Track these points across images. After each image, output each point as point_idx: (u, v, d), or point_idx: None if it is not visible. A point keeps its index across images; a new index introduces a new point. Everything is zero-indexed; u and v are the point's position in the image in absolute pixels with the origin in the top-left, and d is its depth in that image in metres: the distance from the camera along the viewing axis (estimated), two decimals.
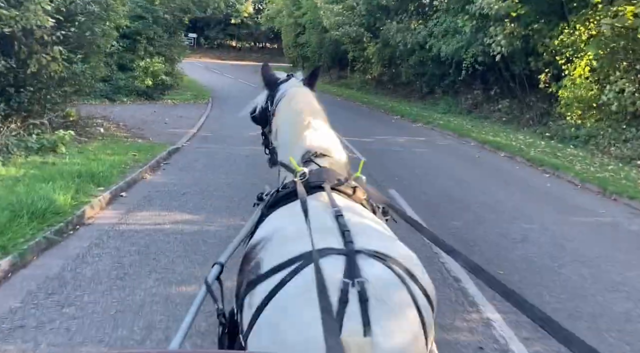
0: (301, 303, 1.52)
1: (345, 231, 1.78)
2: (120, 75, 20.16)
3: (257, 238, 1.96)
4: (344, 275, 1.55)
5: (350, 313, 1.46)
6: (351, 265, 1.59)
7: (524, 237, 6.76)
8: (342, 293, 1.50)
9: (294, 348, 1.45)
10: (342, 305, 1.48)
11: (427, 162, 11.91)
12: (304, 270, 1.61)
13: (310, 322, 1.43)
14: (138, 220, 6.53)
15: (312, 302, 1.44)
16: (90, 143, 10.61)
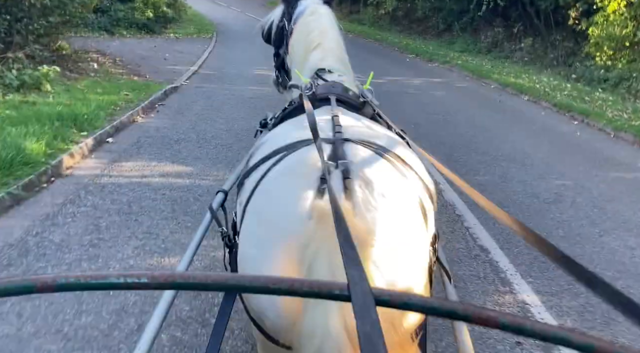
0: (281, 184, 1.56)
1: (337, 125, 1.76)
2: (119, 6, 18.87)
3: (254, 147, 1.98)
4: (328, 158, 1.53)
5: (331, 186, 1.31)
6: (336, 150, 1.58)
7: (558, 197, 6.00)
8: (323, 172, 1.44)
9: (277, 224, 1.47)
10: (322, 182, 1.45)
11: (445, 106, 10.97)
12: (288, 156, 1.63)
13: (290, 198, 1.47)
14: (123, 171, 5.81)
15: (292, 181, 1.53)
16: (80, 80, 9.75)
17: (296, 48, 2.76)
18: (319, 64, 2.52)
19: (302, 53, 2.66)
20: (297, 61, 2.71)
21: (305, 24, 2.76)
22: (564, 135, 9.14)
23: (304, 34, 2.72)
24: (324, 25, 2.74)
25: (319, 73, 2.45)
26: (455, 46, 21.28)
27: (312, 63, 2.54)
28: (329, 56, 2.57)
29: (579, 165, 7.29)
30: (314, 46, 2.61)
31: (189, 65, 13.71)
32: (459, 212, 5.44)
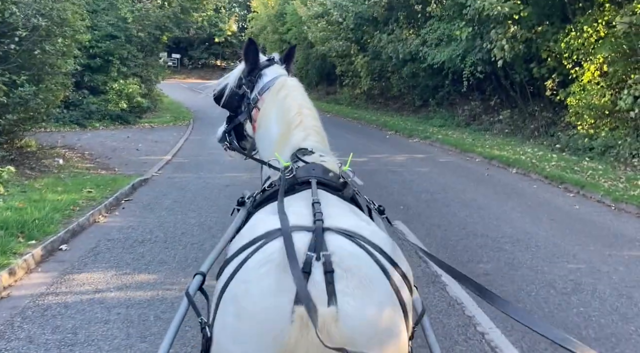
0: (261, 274, 1.54)
1: (317, 213, 1.75)
2: (92, 99, 18.58)
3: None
4: (309, 249, 1.55)
5: (314, 284, 1.44)
6: (317, 240, 1.58)
7: (576, 286, 5.28)
8: (305, 265, 1.48)
9: (255, 317, 1.47)
10: (305, 276, 1.46)
11: (433, 183, 10.44)
12: (267, 245, 1.62)
13: (270, 290, 1.48)
14: (73, 286, 4.96)
15: (271, 272, 1.52)
16: (40, 179, 9.02)
17: (270, 124, 2.63)
18: (302, 143, 2.42)
19: (280, 130, 2.55)
20: (271, 138, 2.60)
21: (278, 100, 2.65)
22: (562, 210, 8.56)
23: (282, 110, 2.60)
24: (302, 102, 2.65)
25: (299, 154, 2.35)
26: (434, 121, 21.30)
27: (294, 142, 2.44)
28: (311, 135, 2.50)
29: (588, 245, 6.63)
30: (296, 125, 2.51)
31: (162, 154, 13.17)
32: (469, 312, 4.66)
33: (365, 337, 1.46)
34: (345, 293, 1.47)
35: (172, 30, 24.59)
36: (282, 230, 1.60)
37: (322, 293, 1.45)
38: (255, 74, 2.82)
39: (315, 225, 1.66)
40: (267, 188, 2.30)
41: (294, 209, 1.84)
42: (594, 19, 13.65)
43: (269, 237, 1.65)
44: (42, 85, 9.90)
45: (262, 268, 1.55)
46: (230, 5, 59.17)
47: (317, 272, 1.49)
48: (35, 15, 8.99)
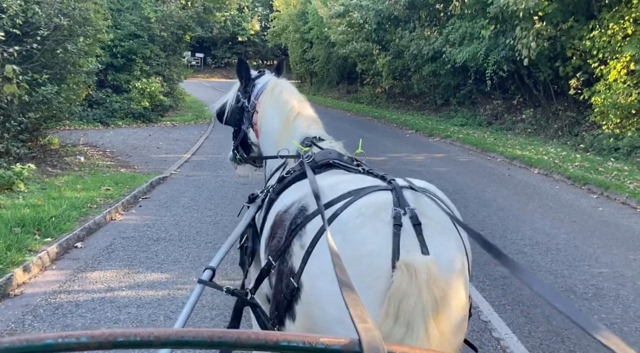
0: (357, 224, 1.75)
1: (383, 174, 2.10)
2: (115, 97, 18.82)
3: (286, 203, 2.13)
4: (395, 205, 1.78)
5: (406, 235, 1.69)
6: (399, 197, 1.82)
7: (598, 291, 5.11)
8: (395, 219, 1.72)
9: (358, 262, 1.65)
10: (397, 228, 1.70)
11: (452, 183, 10.27)
12: (355, 201, 1.83)
13: (371, 238, 1.71)
14: (86, 284, 4.99)
15: (367, 223, 1.74)
16: (61, 176, 9.14)
17: (269, 121, 2.84)
18: (307, 132, 2.63)
19: (280, 124, 2.74)
20: (273, 133, 2.78)
21: (274, 96, 2.85)
22: (584, 211, 8.34)
23: (277, 106, 2.80)
24: (295, 96, 2.86)
25: (313, 141, 2.55)
26: (455, 120, 21.02)
27: (300, 131, 2.64)
28: (313, 124, 2.70)
29: (611, 247, 6.43)
30: (294, 116, 2.70)
31: (182, 152, 13.25)
32: (484, 317, 4.54)
33: (453, 275, 1.71)
34: (432, 240, 1.71)
35: (195, 30, 24.77)
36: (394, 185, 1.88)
37: (415, 242, 1.69)
38: (250, 85, 3.05)
39: (393, 184, 1.91)
40: (286, 176, 2.42)
41: (355, 177, 2.12)
42: (620, 15, 13.27)
43: (355, 196, 1.86)
44: (64, 84, 10.02)
45: (357, 220, 1.76)
46: (253, 4, 59.41)
47: (407, 224, 1.72)
48: (57, 15, 9.10)
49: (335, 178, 2.16)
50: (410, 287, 1.57)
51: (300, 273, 1.81)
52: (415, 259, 1.61)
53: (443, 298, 1.61)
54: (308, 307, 1.79)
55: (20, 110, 8.93)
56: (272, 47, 56.69)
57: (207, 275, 2.18)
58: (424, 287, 1.57)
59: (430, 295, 1.58)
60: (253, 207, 2.56)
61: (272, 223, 2.15)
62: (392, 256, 1.66)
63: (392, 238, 1.68)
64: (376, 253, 1.68)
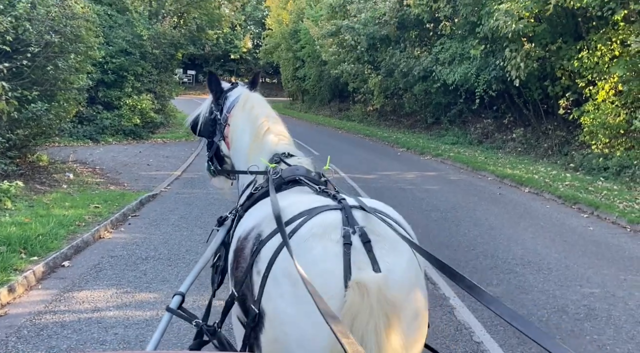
0: (308, 247, 1.78)
1: (334, 194, 2.13)
2: (106, 114, 18.75)
3: (246, 228, 2.12)
4: (344, 224, 1.83)
5: (356, 252, 1.73)
6: (348, 216, 1.87)
7: (590, 311, 5.09)
8: (345, 237, 1.76)
9: (312, 283, 1.54)
10: (347, 247, 1.74)
11: (443, 202, 10.28)
12: (306, 223, 1.87)
13: (322, 258, 1.74)
14: (73, 305, 4.89)
15: (316, 244, 1.78)
16: (49, 193, 9.04)
17: (240, 135, 2.86)
18: (276, 148, 2.66)
19: (250, 139, 2.76)
20: (244, 147, 2.81)
21: (245, 111, 2.87)
22: (575, 231, 8.35)
23: (248, 121, 2.82)
24: (266, 111, 2.87)
25: (282, 157, 2.58)
26: (446, 139, 21.15)
27: (268, 147, 2.68)
28: (282, 139, 2.74)
29: (602, 268, 6.42)
30: (264, 131, 2.73)
31: (172, 170, 13.18)
32: (477, 338, 4.50)
33: (405, 290, 1.76)
34: (383, 256, 1.74)
35: (187, 48, 24.90)
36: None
37: (366, 260, 1.72)
38: (222, 97, 3.06)
39: (342, 203, 1.95)
40: (254, 192, 2.45)
41: (305, 198, 2.13)
42: (607, 37, 13.50)
43: (306, 216, 1.89)
44: (54, 101, 9.96)
45: (308, 241, 1.79)
46: (245, 22, 59.84)
47: (357, 242, 1.76)
48: (48, 32, 9.09)
49: (294, 197, 2.17)
50: (362, 305, 1.60)
51: (259, 300, 1.81)
52: (366, 277, 1.64)
53: (395, 314, 1.64)
54: (271, 331, 1.80)
55: (9, 127, 8.86)
56: (264, 64, 57.03)
57: (176, 301, 2.22)
58: (375, 304, 1.60)
59: (382, 312, 1.61)
60: (222, 230, 2.63)
61: (234, 249, 2.14)
62: (344, 275, 1.70)
63: (342, 257, 1.72)
64: (328, 272, 1.70)
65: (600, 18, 13.39)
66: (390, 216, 2.01)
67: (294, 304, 1.71)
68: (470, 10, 16.51)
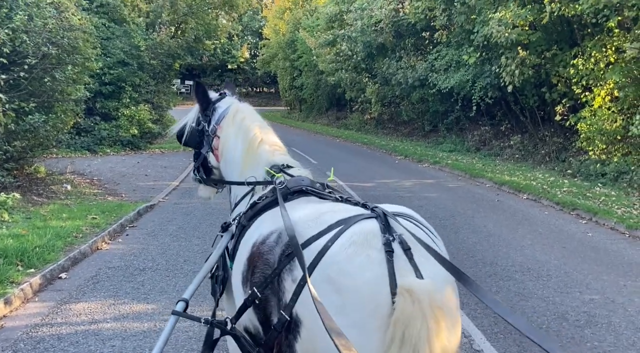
0: (350, 254, 1.78)
1: (363, 203, 2.15)
2: (104, 125, 18.77)
3: (263, 233, 2.13)
4: (382, 232, 1.84)
5: (399, 261, 1.75)
6: (385, 224, 1.89)
7: (590, 318, 5.07)
8: (386, 246, 1.78)
9: (358, 290, 1.70)
10: (390, 254, 1.76)
11: (441, 209, 10.27)
12: (345, 231, 1.86)
13: (367, 266, 1.74)
14: (70, 317, 4.86)
15: (360, 251, 1.78)
16: (47, 205, 9.01)
17: (232, 148, 2.84)
18: (272, 158, 2.67)
19: (243, 152, 2.75)
20: (236, 160, 2.80)
21: (236, 123, 2.85)
22: (574, 237, 8.34)
23: (240, 133, 2.81)
24: (258, 122, 2.86)
25: (282, 168, 2.59)
26: (444, 146, 21.19)
27: (265, 157, 2.68)
28: (277, 150, 2.74)
29: (601, 274, 6.41)
30: (258, 143, 2.73)
31: (170, 180, 13.16)
32: (477, 346, 4.48)
33: (448, 296, 1.78)
34: (424, 263, 1.76)
35: (184, 58, 24.96)
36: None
37: (409, 267, 1.74)
38: (210, 108, 3.02)
39: (376, 212, 1.96)
40: (258, 201, 2.43)
41: (333, 205, 2.16)
42: (602, 44, 13.56)
43: (343, 225, 1.89)
44: (51, 112, 9.98)
45: (349, 249, 1.79)
46: (242, 32, 60.05)
47: (398, 249, 1.77)
48: (45, 44, 9.11)
49: (316, 207, 2.16)
50: (414, 312, 1.62)
51: (291, 306, 1.81)
52: (414, 284, 1.66)
53: (444, 318, 1.68)
54: (309, 342, 1.80)
55: (6, 138, 8.85)
56: (262, 74, 57.20)
57: (180, 307, 2.21)
58: (427, 311, 1.63)
59: (433, 318, 1.64)
60: (226, 236, 2.59)
61: (248, 256, 2.12)
62: (390, 282, 1.70)
63: (386, 265, 1.73)
64: (374, 280, 1.71)
65: (595, 25, 13.46)
66: (420, 222, 2.05)
67: (340, 313, 1.68)
68: (465, 19, 16.61)
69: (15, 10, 9.13)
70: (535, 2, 13.73)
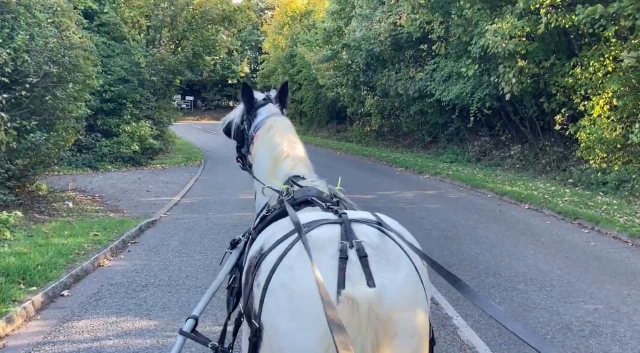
0: (304, 260, 1.75)
1: (337, 209, 2.16)
2: (105, 142, 18.80)
3: (256, 248, 2.13)
4: (342, 238, 1.82)
5: (352, 267, 1.72)
6: (346, 229, 1.86)
7: (594, 328, 5.04)
8: (341, 252, 1.76)
9: (306, 296, 1.68)
10: (343, 261, 1.73)
11: (443, 220, 10.26)
12: (303, 237, 1.85)
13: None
14: (72, 334, 4.84)
15: (314, 256, 1.73)
16: (48, 223, 9.02)
17: (262, 157, 2.94)
18: (291, 171, 2.72)
19: (270, 163, 2.84)
20: (264, 168, 2.89)
21: (268, 138, 2.93)
22: (577, 246, 8.32)
23: (269, 147, 2.89)
24: (289, 137, 2.93)
25: (294, 179, 2.62)
26: (444, 157, 21.22)
27: (284, 171, 2.73)
28: (298, 165, 2.79)
29: (605, 284, 6.38)
30: (284, 157, 2.80)
31: (172, 195, 13.17)
32: None
33: (400, 307, 1.71)
34: (379, 271, 1.72)
35: (184, 74, 25.12)
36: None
37: (361, 274, 1.70)
38: (252, 112, 3.12)
39: (342, 217, 1.95)
40: (266, 214, 2.50)
41: (312, 214, 2.14)
42: (600, 53, 13.64)
43: (306, 229, 1.89)
44: (53, 130, 10.01)
45: (304, 254, 1.76)
46: (242, 47, 60.47)
47: (353, 256, 1.75)
48: (47, 63, 9.18)
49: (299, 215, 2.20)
50: (351, 321, 1.60)
51: (260, 313, 1.81)
52: (357, 292, 1.63)
53: (385, 332, 1.64)
54: (269, 346, 1.79)
55: (7, 157, 8.88)
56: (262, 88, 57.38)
57: (189, 325, 2.23)
58: (364, 321, 1.61)
59: (370, 329, 1.61)
60: (235, 252, 2.65)
61: (245, 269, 2.17)
62: (337, 289, 1.68)
63: (337, 272, 1.71)
64: (327, 284, 1.69)
65: (592, 35, 13.57)
66: (393, 229, 1.99)
67: (289, 318, 1.71)
68: (463, 31, 16.73)
69: (16, 30, 9.23)
70: (532, 13, 13.83)
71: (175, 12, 23.38)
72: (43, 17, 9.97)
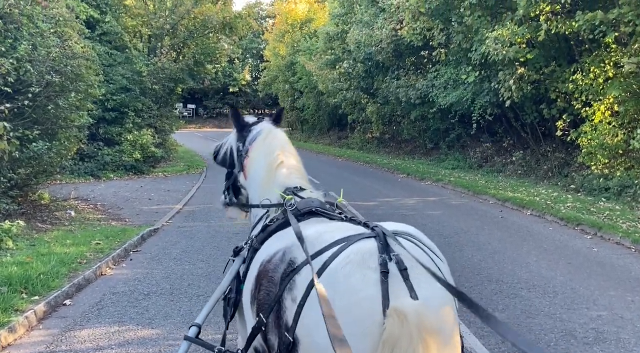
0: (346, 274, 1.81)
1: (364, 222, 2.16)
2: (107, 150, 18.85)
3: (269, 252, 2.21)
4: (380, 251, 1.85)
5: (395, 281, 1.76)
6: (383, 243, 1.89)
7: (598, 335, 5.02)
8: (382, 266, 1.79)
9: (350, 311, 1.72)
10: (385, 275, 1.77)
11: (445, 227, 10.24)
12: (343, 251, 1.89)
13: (361, 286, 1.77)
14: (74, 343, 4.83)
15: (355, 271, 1.80)
16: (51, 231, 9.03)
17: (256, 166, 2.94)
18: (286, 181, 2.73)
19: (264, 171, 2.85)
20: (258, 178, 2.88)
21: (264, 144, 2.95)
22: (579, 252, 8.30)
23: (264, 153, 2.91)
24: (283, 145, 2.95)
25: (294, 191, 2.63)
26: (446, 163, 21.23)
27: (280, 180, 2.74)
28: (293, 173, 2.80)
29: (608, 290, 6.36)
30: (277, 164, 2.81)
31: (174, 203, 13.18)
32: None
33: (442, 316, 1.76)
34: (421, 283, 1.76)
35: (186, 82, 25.22)
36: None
37: (404, 288, 1.74)
38: (246, 130, 3.13)
39: (376, 231, 1.96)
40: (269, 224, 2.49)
41: (339, 225, 2.21)
42: (600, 59, 13.66)
43: (343, 244, 1.92)
44: (55, 139, 10.05)
45: (346, 269, 1.81)
46: (243, 55, 60.68)
47: (394, 269, 1.78)
48: (49, 72, 9.23)
49: (320, 226, 2.22)
50: (402, 332, 1.64)
51: (294, 328, 1.82)
52: (404, 305, 1.67)
53: (433, 340, 1.68)
54: None
55: (10, 166, 8.91)
56: (264, 96, 57.60)
57: (193, 332, 2.23)
58: (414, 332, 1.64)
59: (420, 339, 1.65)
60: (238, 260, 2.65)
61: (256, 274, 2.17)
62: (382, 303, 1.72)
63: (380, 285, 1.74)
64: (367, 300, 1.73)
65: (592, 41, 13.59)
66: (420, 240, 2.05)
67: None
68: (463, 38, 16.79)
69: (19, 40, 9.29)
70: (532, 20, 13.87)
71: (176, 20, 23.50)
72: (45, 27, 10.04)
